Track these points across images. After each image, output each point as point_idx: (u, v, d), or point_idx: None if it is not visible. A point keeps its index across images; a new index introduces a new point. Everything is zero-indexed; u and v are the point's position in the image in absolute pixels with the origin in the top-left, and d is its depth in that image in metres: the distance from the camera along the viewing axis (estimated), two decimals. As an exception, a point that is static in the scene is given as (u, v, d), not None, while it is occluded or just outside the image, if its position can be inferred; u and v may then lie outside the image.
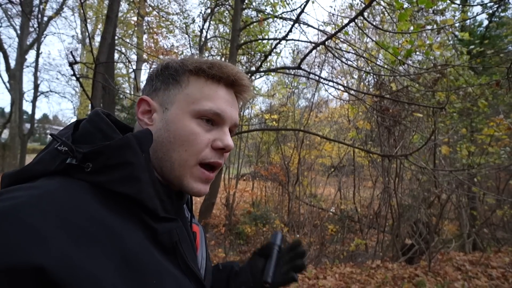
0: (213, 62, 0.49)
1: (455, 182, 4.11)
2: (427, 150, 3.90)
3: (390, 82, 3.68)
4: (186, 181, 0.46)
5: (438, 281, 3.20)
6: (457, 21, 2.92)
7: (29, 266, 0.28)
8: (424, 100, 3.46)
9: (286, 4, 4.74)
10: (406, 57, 2.87)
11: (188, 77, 0.49)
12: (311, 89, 8.26)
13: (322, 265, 4.72)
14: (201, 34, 4.75)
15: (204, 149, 0.47)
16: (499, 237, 5.61)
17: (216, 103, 0.48)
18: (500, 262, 3.87)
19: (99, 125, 0.43)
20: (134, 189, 0.38)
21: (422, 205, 4.64)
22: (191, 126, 0.46)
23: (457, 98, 3.62)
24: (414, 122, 3.95)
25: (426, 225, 4.47)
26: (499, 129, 4.18)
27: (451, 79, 3.28)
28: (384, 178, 4.91)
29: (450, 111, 3.83)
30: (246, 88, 0.53)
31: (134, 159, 0.39)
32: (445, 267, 3.76)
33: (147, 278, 0.36)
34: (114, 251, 0.34)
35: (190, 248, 0.47)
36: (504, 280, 3.21)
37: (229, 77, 0.49)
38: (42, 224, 0.30)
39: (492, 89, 4.35)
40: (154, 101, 0.49)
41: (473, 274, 3.43)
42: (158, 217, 0.41)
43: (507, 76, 2.72)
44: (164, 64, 0.51)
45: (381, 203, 5.74)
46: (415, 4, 2.27)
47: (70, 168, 0.38)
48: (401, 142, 3.80)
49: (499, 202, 4.87)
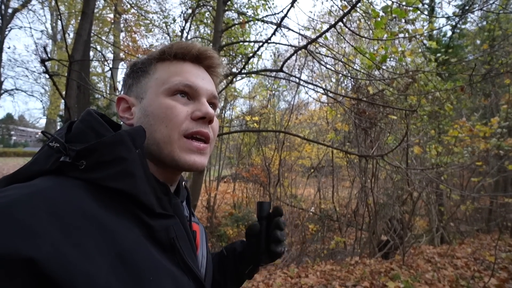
0: (173, 42, 0.51)
1: (425, 180, 4.40)
2: (401, 151, 4.15)
3: (366, 85, 3.88)
4: (177, 156, 0.46)
5: (411, 273, 3.40)
6: (426, 31, 3.16)
7: (19, 257, 0.27)
8: (398, 103, 3.69)
9: (267, 8, 4.84)
10: (381, 62, 3.04)
11: (155, 64, 0.50)
12: (291, 92, 8.43)
13: (304, 264, 4.82)
14: (182, 34, 4.70)
15: (183, 121, 0.46)
16: (462, 230, 6.07)
17: (184, 76, 0.48)
18: (464, 252, 4.20)
19: (92, 124, 0.43)
20: (128, 185, 0.38)
21: (396, 203, 4.91)
22: (166, 102, 0.46)
23: (427, 102, 3.89)
24: (388, 124, 4.19)
25: (400, 222, 4.72)
26: (462, 131, 4.54)
27: (421, 84, 3.52)
28: (361, 178, 5.12)
29: (421, 114, 4.11)
30: (213, 60, 0.53)
31: (128, 155, 0.39)
32: (417, 260, 4.01)
33: (143, 275, 0.35)
34: (108, 247, 0.33)
35: (189, 246, 0.46)
36: (467, 268, 3.48)
37: (191, 52, 0.50)
38: (33, 220, 0.30)
39: (456, 94, 4.72)
40: (130, 97, 0.51)
41: (441, 265, 3.69)
42: (154, 213, 0.41)
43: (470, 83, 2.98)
44: (132, 63, 0.53)
45: (359, 202, 5.99)
46: (390, 13, 2.43)
47: (64, 166, 0.38)
48: (377, 143, 4.01)
49: (463, 198, 5.27)
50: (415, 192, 4.75)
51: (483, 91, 6.87)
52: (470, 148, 5.04)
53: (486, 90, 6.78)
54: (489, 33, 8.39)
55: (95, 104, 6.45)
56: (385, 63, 3.60)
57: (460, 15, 8.38)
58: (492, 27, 7.52)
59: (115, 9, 5.82)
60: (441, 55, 5.31)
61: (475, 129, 4.48)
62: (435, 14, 7.16)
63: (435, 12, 7.51)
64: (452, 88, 3.73)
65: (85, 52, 3.64)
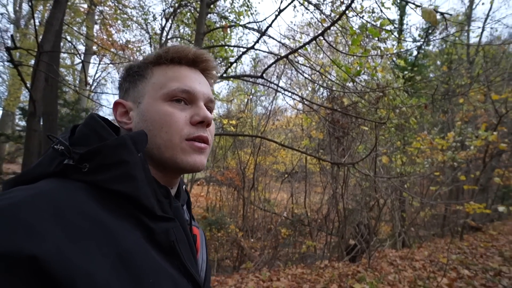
0: (169, 46, 0.51)
1: (390, 188, 4.72)
2: (370, 159, 4.42)
3: (341, 97, 4.09)
4: (179, 158, 0.46)
5: (376, 275, 3.61)
6: (395, 50, 3.43)
7: (22, 255, 0.28)
8: (369, 115, 3.94)
9: (250, 14, 4.92)
10: (356, 76, 3.24)
11: (151, 68, 0.51)
12: (269, 97, 8.57)
13: (276, 267, 4.89)
14: (162, 33, 4.60)
15: (183, 127, 0.47)
16: (421, 235, 6.56)
17: (182, 81, 0.49)
18: (422, 255, 4.55)
19: (95, 128, 0.44)
20: (130, 187, 0.39)
21: (364, 209, 5.19)
22: (164, 109, 0.47)
23: (394, 115, 4.21)
24: (360, 134, 4.45)
25: (367, 227, 5.00)
26: (423, 143, 4.96)
27: (390, 98, 3.81)
28: (332, 184, 5.35)
29: (389, 126, 4.43)
30: (209, 63, 0.54)
31: (130, 158, 0.40)
32: (381, 263, 4.26)
33: (143, 277, 0.35)
34: (110, 249, 0.34)
35: (188, 249, 0.46)
36: (424, 270, 3.78)
37: (187, 56, 0.51)
38: (36, 220, 0.30)
39: (420, 109, 5.15)
40: (127, 101, 0.51)
41: (402, 267, 3.96)
42: (155, 216, 0.41)
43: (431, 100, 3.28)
44: (128, 66, 0.53)
45: (329, 207, 6.22)
46: (365, 31, 2.61)
47: (67, 169, 0.39)
48: (349, 152, 4.23)
49: (422, 205, 5.72)
50: (381, 199, 5.06)
51: (442, 108, 7.55)
52: (430, 159, 5.51)
53: (444, 107, 7.47)
54: (448, 56, 9.27)
55: (62, 98, 6.04)
56: (359, 77, 3.85)
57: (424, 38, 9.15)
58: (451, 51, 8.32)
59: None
60: (407, 72, 5.77)
61: (434, 142, 4.91)
62: (403, 35, 7.76)
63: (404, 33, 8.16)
64: (416, 104, 4.07)
65: (55, 42, 3.43)
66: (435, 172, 5.31)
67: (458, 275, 3.50)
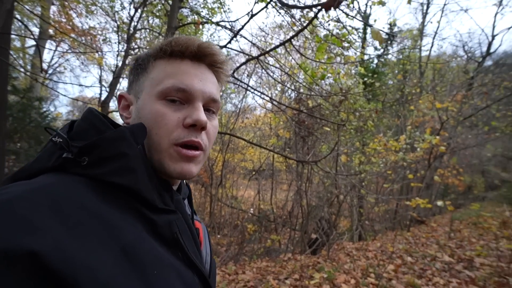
0: (170, 38, 0.48)
1: (349, 185, 5.11)
2: (332, 158, 4.74)
3: (307, 98, 4.33)
4: (166, 164, 0.45)
5: (334, 265, 3.92)
6: (357, 58, 3.74)
7: (22, 251, 0.27)
8: (332, 117, 4.23)
9: (223, 12, 4.94)
10: (321, 80, 3.47)
11: (152, 62, 0.48)
12: (238, 95, 8.63)
13: (241, 262, 5.02)
14: (131, 23, 4.42)
15: (174, 129, 0.44)
16: (376, 228, 7.18)
17: (178, 78, 0.45)
18: (374, 246, 5.01)
19: (93, 122, 0.43)
20: (130, 180, 0.38)
21: (325, 205, 5.55)
22: (156, 108, 0.45)
23: (354, 118, 4.57)
24: (323, 134, 4.74)
25: (328, 222, 5.35)
26: (379, 144, 5.45)
27: (351, 102, 4.12)
28: (297, 181, 5.62)
29: (349, 128, 4.79)
30: (216, 57, 0.49)
31: (129, 150, 0.39)
32: (339, 254, 4.61)
33: (147, 270, 0.35)
34: (112, 242, 0.33)
35: (192, 241, 0.46)
36: (375, 259, 4.19)
37: (188, 48, 0.47)
38: (35, 215, 0.30)
39: (377, 114, 5.63)
40: (129, 95, 0.50)
41: (357, 257, 4.34)
42: (157, 208, 0.40)
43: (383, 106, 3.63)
44: (134, 58, 0.51)
45: (294, 203, 6.52)
46: (330, 39, 2.82)
47: (66, 163, 0.38)
48: (313, 150, 4.50)
49: (377, 201, 6.27)
50: (341, 195, 5.45)
51: (396, 113, 8.30)
52: (384, 159, 6.06)
53: (399, 112, 8.22)
54: (403, 66, 10.16)
55: (11, 84, 5.45)
56: (324, 81, 4.11)
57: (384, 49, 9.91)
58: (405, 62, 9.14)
59: (47, -22, 5.08)
60: (368, 79, 6.26)
61: (388, 144, 5.42)
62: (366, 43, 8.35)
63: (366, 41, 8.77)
64: (374, 109, 4.47)
65: (7, 23, 3.14)
66: (388, 171, 5.86)
67: (403, 261, 3.94)
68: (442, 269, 3.57)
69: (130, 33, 4.14)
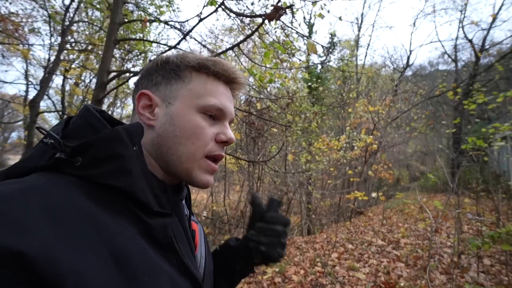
0: (215, 59, 0.51)
1: (298, 182, 5.44)
2: (281, 158, 5.00)
3: (257, 101, 4.50)
4: (195, 174, 0.47)
5: (285, 259, 4.14)
6: (302, 64, 4.04)
7: (8, 251, 0.26)
8: (279, 119, 4.48)
9: (172, 11, 4.81)
10: (269, 83, 3.66)
11: (191, 72, 0.49)
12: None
13: (194, 266, 4.91)
14: (66, 13, 3.97)
15: (209, 142, 0.48)
16: (322, 222, 7.76)
17: (219, 99, 0.49)
18: (321, 238, 5.44)
19: (89, 120, 0.42)
20: (125, 182, 0.37)
21: (276, 202, 5.79)
22: (196, 120, 0.47)
23: (300, 120, 4.91)
24: (272, 135, 4.98)
25: (278, 218, 5.59)
26: (323, 144, 5.94)
27: (297, 105, 4.43)
28: (249, 181, 5.76)
29: (296, 129, 5.13)
30: (242, 85, 0.55)
31: (125, 151, 0.38)
32: (289, 248, 4.88)
33: (138, 275, 0.34)
34: (102, 245, 0.32)
35: (187, 245, 0.45)
36: (322, 249, 4.56)
37: (229, 75, 0.51)
38: (24, 216, 0.29)
39: (321, 115, 6.12)
40: (155, 96, 0.49)
41: (306, 249, 4.65)
42: (152, 211, 0.40)
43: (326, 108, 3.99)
44: (164, 59, 0.51)
45: (246, 203, 6.65)
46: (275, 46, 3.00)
47: (59, 163, 0.37)
48: (263, 151, 4.68)
49: (323, 196, 6.80)
50: (291, 192, 5.77)
51: (337, 115, 9.13)
52: (328, 157, 6.62)
53: (339, 114, 9.05)
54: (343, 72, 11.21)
55: None
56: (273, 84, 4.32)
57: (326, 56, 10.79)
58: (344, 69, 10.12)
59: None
60: (312, 83, 6.77)
61: (331, 143, 5.95)
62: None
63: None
64: (318, 111, 4.87)
65: None
66: (331, 168, 6.41)
67: (345, 249, 4.37)
68: (376, 251, 4.08)
69: (66, 25, 3.73)
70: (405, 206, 8.18)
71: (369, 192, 8.50)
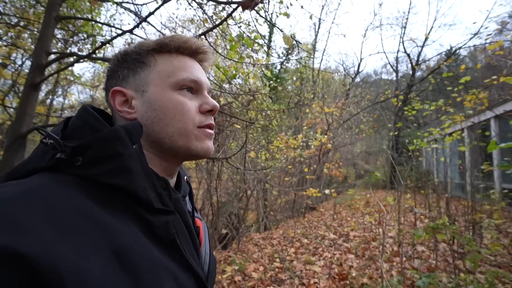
0: (173, 35, 0.51)
1: (256, 179, 5.47)
2: (241, 155, 4.95)
3: (218, 96, 4.36)
4: (193, 145, 0.47)
5: (244, 256, 4.12)
6: (264, 61, 4.04)
7: (8, 253, 0.26)
8: (241, 115, 4.42)
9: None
10: (232, 78, 3.57)
11: (153, 55, 0.49)
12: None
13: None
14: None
15: (195, 115, 0.48)
16: (279, 218, 7.97)
17: (190, 72, 0.49)
18: (278, 234, 5.57)
19: (88, 119, 0.42)
20: (125, 181, 0.37)
21: (235, 200, 5.75)
22: (175, 97, 0.47)
23: (261, 117, 4.92)
24: (233, 132, 4.89)
25: (237, 216, 5.57)
26: (282, 142, 6.06)
27: (258, 102, 4.42)
28: (207, 179, 5.60)
29: (257, 126, 5.13)
30: (208, 55, 0.55)
31: (124, 150, 0.39)
32: (248, 245, 4.88)
33: (140, 273, 0.34)
34: (104, 244, 0.32)
35: (190, 242, 0.45)
36: (279, 245, 4.66)
37: (191, 46, 0.51)
38: (24, 217, 0.29)
39: (280, 114, 6.25)
40: (127, 89, 0.48)
41: (264, 246, 4.71)
42: (153, 209, 0.40)
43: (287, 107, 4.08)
44: (123, 52, 0.50)
45: (204, 201, 6.46)
46: (242, 40, 2.94)
47: (60, 163, 0.37)
48: (223, 148, 4.58)
49: (279, 193, 6.97)
50: (249, 190, 5.78)
51: (295, 115, 9.45)
52: (286, 155, 6.80)
53: (297, 114, 9.38)
54: (301, 74, 11.65)
55: None
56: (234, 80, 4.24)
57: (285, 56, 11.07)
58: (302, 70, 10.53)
59: None
60: (272, 82, 6.85)
61: (289, 142, 6.11)
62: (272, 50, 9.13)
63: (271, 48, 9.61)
64: (278, 110, 4.94)
65: None
66: (288, 166, 6.60)
67: (301, 244, 4.54)
68: (329, 245, 4.32)
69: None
70: (353, 202, 8.88)
71: (321, 189, 9.01)
